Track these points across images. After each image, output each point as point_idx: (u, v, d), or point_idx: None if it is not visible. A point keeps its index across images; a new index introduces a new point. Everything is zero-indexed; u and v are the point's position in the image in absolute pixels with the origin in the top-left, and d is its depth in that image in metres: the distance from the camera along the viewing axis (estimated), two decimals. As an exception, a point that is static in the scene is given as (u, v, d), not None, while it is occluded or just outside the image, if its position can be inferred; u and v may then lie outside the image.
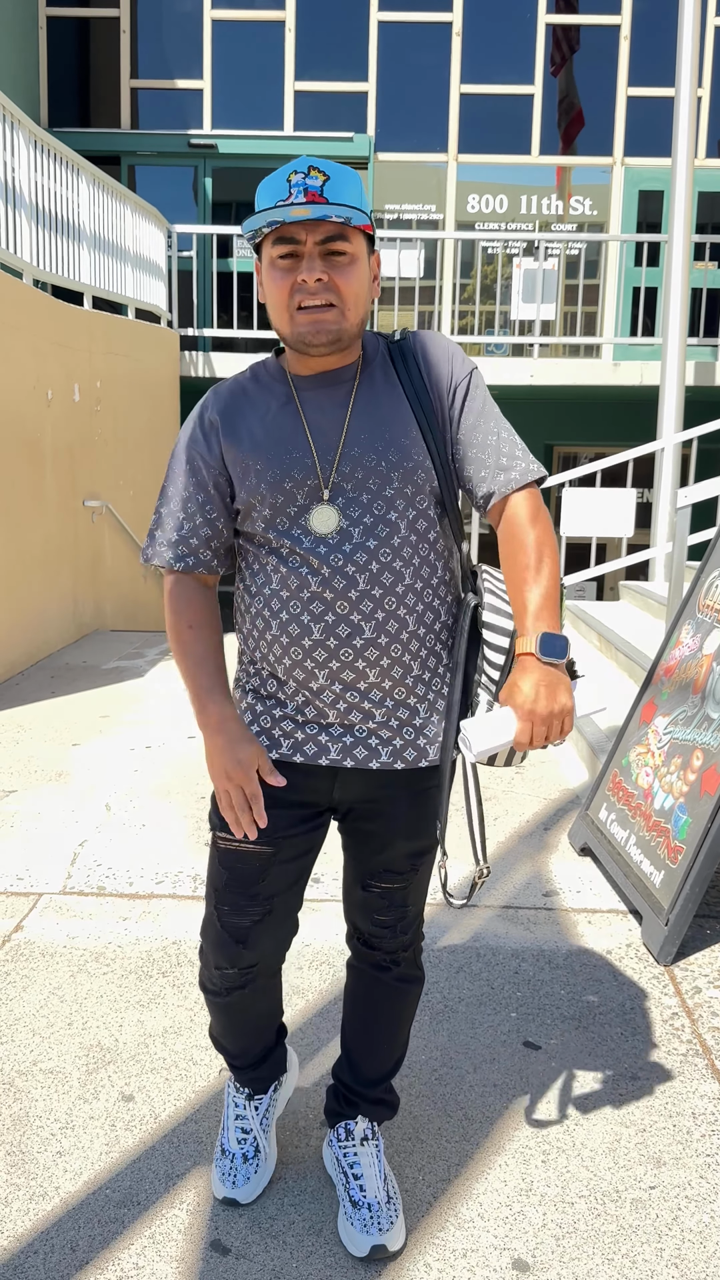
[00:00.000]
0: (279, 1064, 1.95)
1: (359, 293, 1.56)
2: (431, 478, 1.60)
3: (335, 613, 1.57)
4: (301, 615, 1.59)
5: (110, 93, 10.85)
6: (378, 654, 1.59)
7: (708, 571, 3.40)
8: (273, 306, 1.57)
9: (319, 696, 1.61)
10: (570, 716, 1.52)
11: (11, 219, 6.04)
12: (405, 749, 1.65)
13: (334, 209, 1.47)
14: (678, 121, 7.67)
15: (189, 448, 1.65)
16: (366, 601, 1.58)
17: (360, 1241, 1.73)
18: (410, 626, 1.61)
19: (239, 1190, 1.84)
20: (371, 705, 1.61)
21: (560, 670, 1.52)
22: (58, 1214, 1.84)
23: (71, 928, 2.87)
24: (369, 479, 1.57)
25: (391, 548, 1.58)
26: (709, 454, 11.39)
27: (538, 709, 1.49)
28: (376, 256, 1.61)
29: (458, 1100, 2.15)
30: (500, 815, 3.73)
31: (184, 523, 1.65)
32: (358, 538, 1.57)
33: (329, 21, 10.69)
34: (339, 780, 1.66)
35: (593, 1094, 2.18)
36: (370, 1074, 1.87)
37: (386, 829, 1.69)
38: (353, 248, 1.53)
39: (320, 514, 1.57)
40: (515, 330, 10.70)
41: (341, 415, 1.59)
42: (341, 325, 1.54)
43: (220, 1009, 1.83)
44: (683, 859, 2.73)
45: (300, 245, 1.51)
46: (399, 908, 1.77)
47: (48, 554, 6.44)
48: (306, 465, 1.57)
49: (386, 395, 1.61)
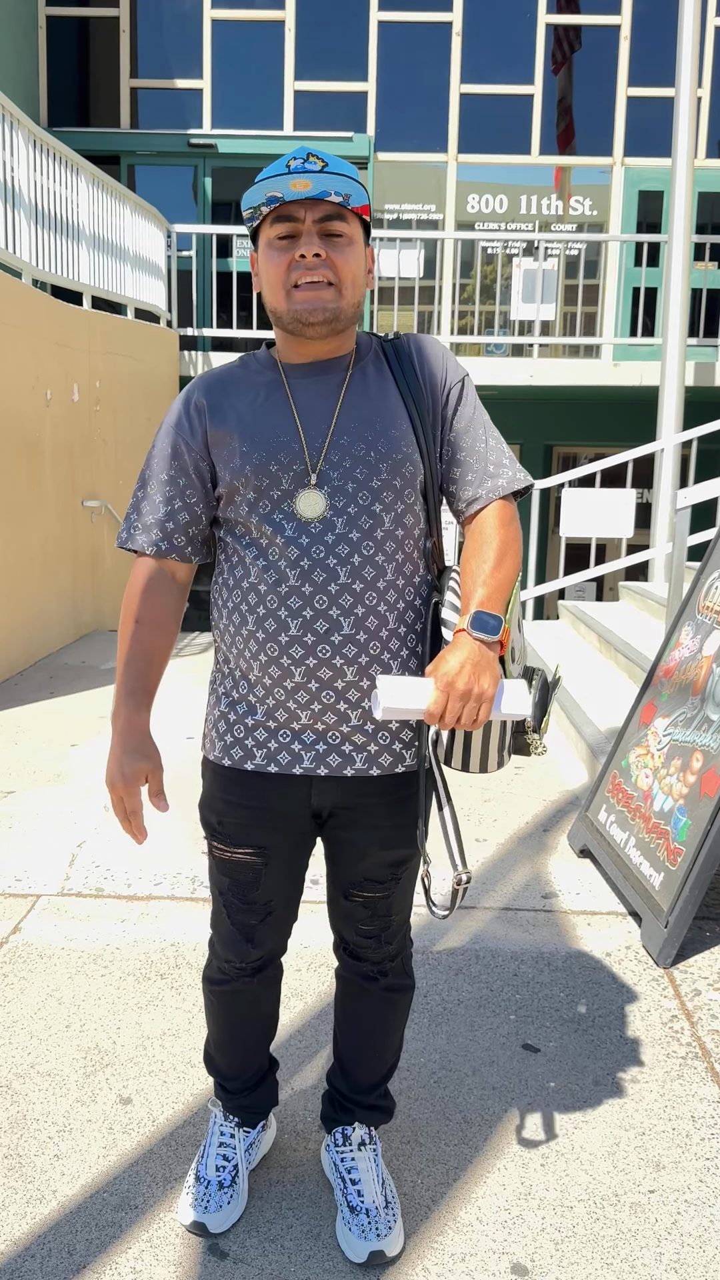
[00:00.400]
0: (270, 1095, 1.92)
1: (356, 274, 1.56)
2: (419, 472, 1.60)
3: (314, 607, 1.56)
4: (279, 610, 1.56)
5: (110, 92, 10.84)
6: (355, 650, 1.57)
7: (708, 573, 3.39)
8: (269, 285, 1.56)
9: (293, 696, 1.58)
10: (487, 705, 1.48)
11: (11, 218, 6.03)
12: (380, 755, 1.63)
13: (334, 181, 1.48)
14: (678, 122, 7.67)
15: (173, 432, 1.63)
16: (346, 596, 1.56)
17: (358, 1247, 1.72)
18: (390, 624, 1.59)
19: (210, 1215, 1.78)
20: (347, 706, 1.59)
21: (492, 654, 1.50)
22: (55, 1217, 1.83)
23: (69, 930, 2.86)
24: (356, 468, 1.56)
25: (374, 541, 1.57)
26: (709, 454, 11.39)
27: (456, 684, 1.47)
28: (371, 250, 1.62)
29: (456, 1103, 2.15)
30: (499, 817, 3.72)
31: (161, 506, 1.63)
32: (341, 528, 1.55)
33: (329, 21, 10.68)
34: (314, 788, 1.64)
35: (592, 1097, 2.17)
36: (364, 1081, 1.86)
37: (365, 838, 1.67)
38: (350, 230, 1.54)
39: (307, 498, 1.55)
40: (515, 330, 10.70)
41: (332, 404, 1.58)
42: (339, 304, 1.54)
43: (223, 1005, 1.82)
44: (682, 861, 2.72)
45: (299, 223, 1.51)
46: (382, 917, 1.75)
47: (47, 554, 6.44)
48: (294, 450, 1.56)
49: (378, 388, 1.61)
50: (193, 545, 1.66)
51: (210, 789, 1.71)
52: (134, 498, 1.67)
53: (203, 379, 1.66)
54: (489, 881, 3.17)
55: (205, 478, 1.63)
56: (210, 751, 1.70)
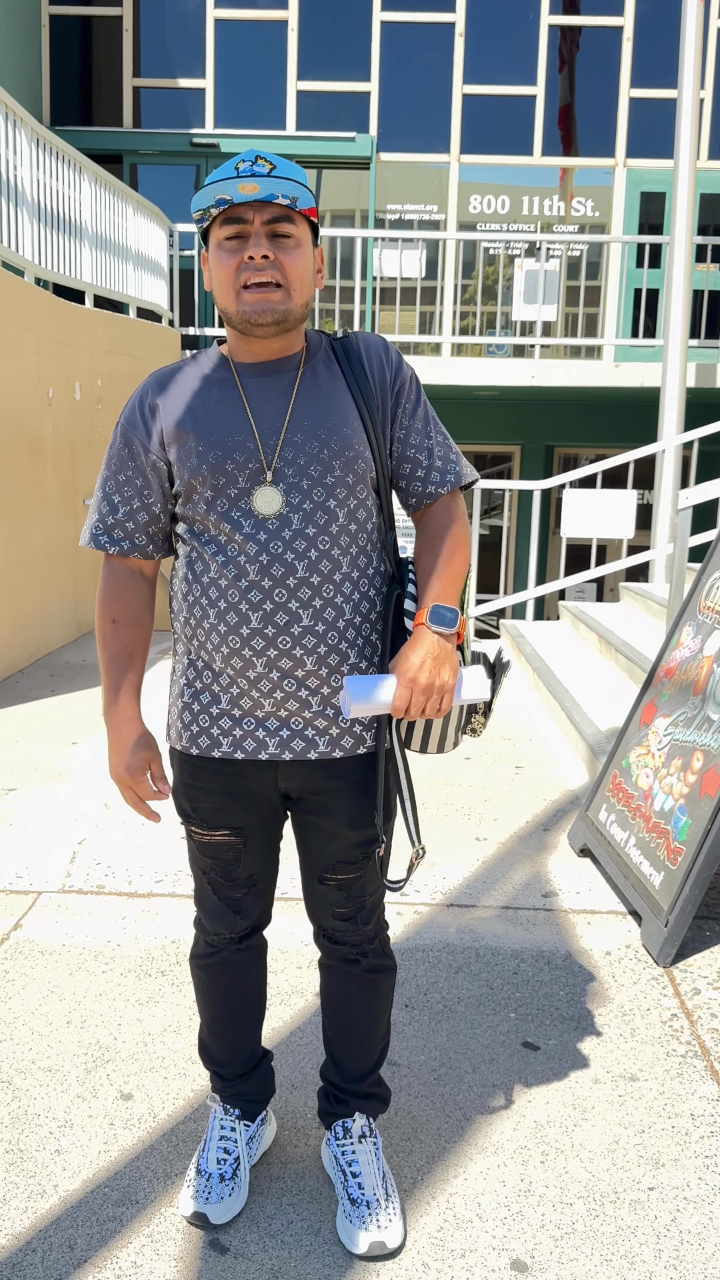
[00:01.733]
0: (267, 1082, 1.94)
1: (304, 275, 1.59)
2: (371, 468, 1.65)
3: (273, 601, 1.60)
4: (240, 604, 1.61)
5: (112, 91, 10.85)
6: (315, 641, 1.62)
7: (708, 573, 3.40)
8: (219, 286, 1.59)
9: (256, 686, 1.63)
10: (450, 694, 1.59)
11: (14, 217, 6.03)
12: (342, 737, 1.67)
13: (281, 184, 1.52)
14: (680, 123, 7.68)
15: (126, 430, 1.67)
16: (305, 589, 1.60)
17: (358, 1238, 1.73)
18: (347, 615, 1.64)
19: (211, 1206, 1.79)
20: (308, 694, 1.64)
21: (450, 645, 1.60)
22: (56, 1212, 1.84)
23: (71, 926, 2.87)
24: (310, 465, 1.60)
25: (330, 535, 1.62)
26: (710, 455, 11.40)
27: (419, 678, 1.56)
28: (320, 251, 1.65)
29: (457, 1100, 2.15)
30: (500, 816, 3.73)
31: (119, 506, 1.68)
32: (297, 524, 1.60)
33: (332, 21, 10.69)
34: (279, 772, 1.69)
35: (591, 1095, 2.18)
36: (355, 1070, 1.88)
37: (333, 820, 1.71)
38: (298, 231, 1.57)
39: (263, 495, 1.59)
40: (516, 331, 10.70)
41: (285, 402, 1.61)
42: (288, 306, 1.57)
43: (213, 978, 1.85)
44: (682, 860, 2.73)
45: (247, 225, 1.54)
46: (357, 898, 1.78)
47: (48, 552, 6.44)
48: (249, 449, 1.59)
49: (329, 386, 1.64)
50: (154, 543, 1.71)
51: (180, 777, 1.76)
52: (94, 498, 1.72)
53: (155, 378, 1.69)
54: (490, 880, 3.18)
55: (162, 476, 1.66)
56: (177, 741, 1.74)
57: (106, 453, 1.70)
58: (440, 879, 3.17)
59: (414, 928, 2.86)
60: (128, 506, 1.67)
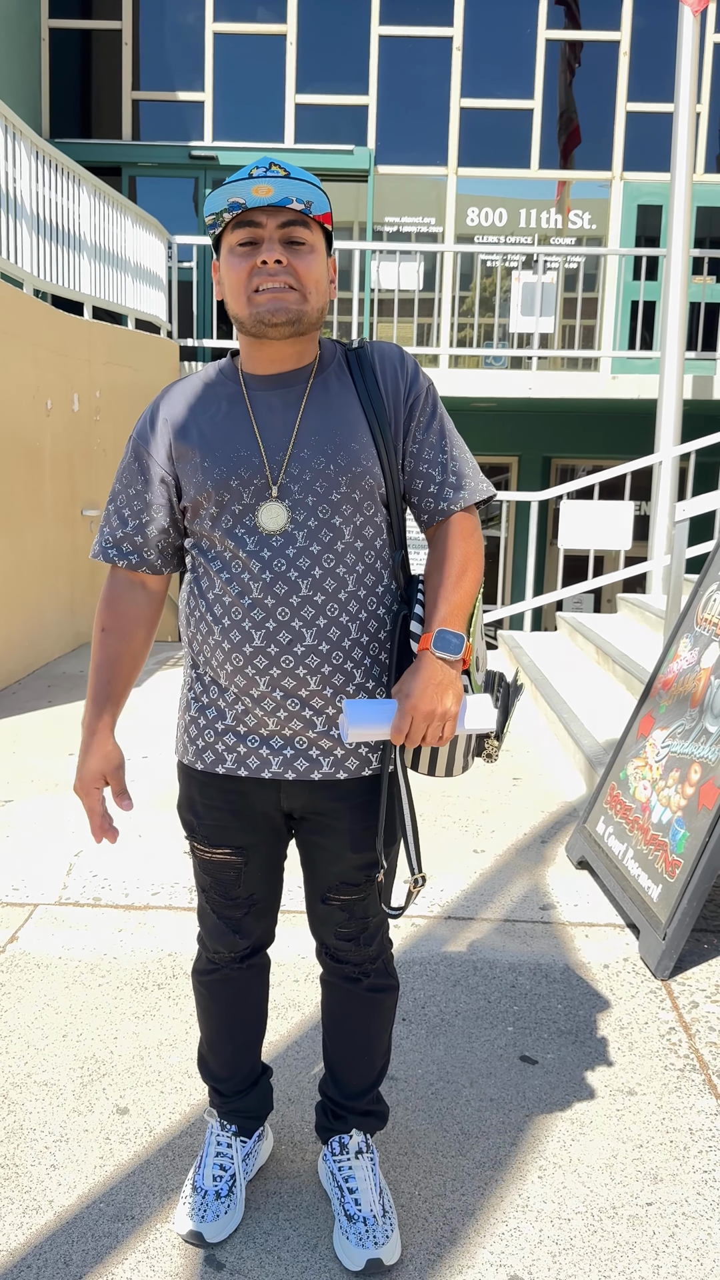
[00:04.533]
0: (265, 1099, 1.93)
1: (319, 280, 1.56)
2: (379, 484, 1.61)
3: (276, 619, 1.58)
4: (243, 622, 1.59)
5: (112, 104, 10.89)
6: (319, 661, 1.59)
7: (706, 585, 3.40)
8: (231, 291, 1.56)
9: (259, 704, 1.61)
10: (452, 722, 1.54)
11: (13, 229, 6.05)
12: (347, 758, 1.65)
13: (296, 187, 1.49)
14: (677, 137, 7.71)
15: (137, 444, 1.66)
16: (308, 608, 1.58)
17: (355, 1255, 1.72)
18: (353, 634, 1.61)
19: (207, 1225, 1.77)
20: (312, 714, 1.61)
21: (454, 672, 1.54)
22: (51, 1228, 1.83)
23: (67, 939, 2.86)
24: (316, 481, 1.57)
25: (335, 553, 1.59)
26: (706, 467, 11.42)
27: (420, 705, 1.51)
28: (333, 260, 1.62)
29: (454, 1115, 2.14)
30: (497, 828, 3.72)
31: (129, 520, 1.66)
32: (302, 541, 1.57)
33: (330, 35, 10.74)
34: (283, 791, 1.67)
35: (589, 1109, 2.17)
36: (355, 1086, 1.87)
37: (337, 841, 1.69)
38: (312, 237, 1.55)
39: (269, 511, 1.57)
40: (514, 343, 10.73)
41: (293, 416, 1.59)
42: (302, 307, 1.54)
43: (214, 995, 1.84)
44: (680, 873, 2.72)
45: (261, 229, 1.52)
46: (359, 919, 1.77)
47: (46, 562, 6.44)
48: (254, 464, 1.57)
49: (339, 399, 1.61)
50: (163, 557, 1.69)
51: (186, 791, 1.75)
52: (105, 511, 1.70)
53: (166, 392, 1.67)
54: (487, 893, 3.17)
55: (171, 490, 1.64)
56: (183, 755, 1.73)
57: (118, 467, 1.69)
58: (438, 891, 3.17)
59: (411, 940, 2.85)
60: (136, 520, 1.66)
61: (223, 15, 10.70)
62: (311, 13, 10.70)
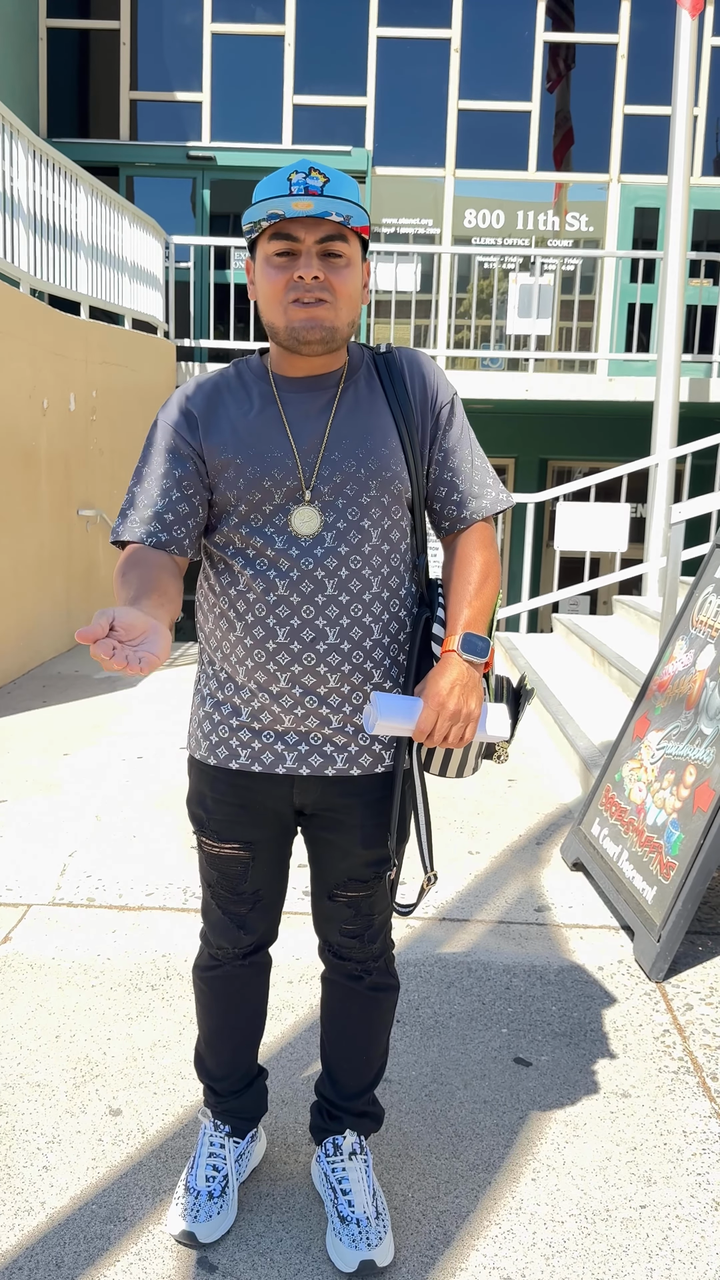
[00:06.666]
0: (260, 1100, 1.93)
1: (353, 294, 1.57)
2: (406, 489, 1.63)
3: (300, 617, 1.59)
4: (267, 618, 1.59)
5: (109, 104, 10.88)
6: (340, 659, 1.61)
7: (701, 587, 3.40)
8: (266, 301, 1.56)
9: (278, 700, 1.62)
10: (473, 725, 1.56)
11: (10, 228, 6.04)
12: (361, 755, 1.66)
13: (335, 204, 1.49)
14: (674, 140, 7.72)
15: (171, 428, 1.62)
16: (333, 607, 1.59)
17: (348, 1257, 1.71)
18: (375, 635, 1.63)
19: (199, 1225, 1.77)
20: (330, 710, 1.63)
21: (478, 675, 1.57)
22: (43, 1230, 1.82)
23: (60, 940, 2.85)
24: (346, 484, 1.58)
25: (362, 555, 1.60)
26: (702, 470, 11.43)
27: (447, 704, 1.54)
28: (368, 265, 1.63)
29: (448, 1117, 2.14)
30: (493, 829, 3.72)
31: (159, 499, 1.60)
32: (330, 542, 1.58)
33: (328, 36, 10.74)
34: (296, 787, 1.68)
35: (583, 1111, 2.17)
36: (351, 1087, 1.86)
37: (347, 837, 1.70)
38: (349, 250, 1.54)
39: (302, 515, 1.58)
40: (511, 345, 10.74)
41: (324, 419, 1.60)
42: (335, 323, 1.55)
43: (215, 991, 1.84)
44: (675, 875, 2.72)
45: (298, 243, 1.52)
46: (365, 917, 1.77)
47: (41, 562, 6.43)
48: (287, 466, 1.57)
49: (369, 404, 1.62)
50: (190, 538, 1.61)
51: (196, 786, 1.75)
52: (129, 493, 1.65)
53: (197, 387, 1.65)
54: (482, 894, 3.17)
55: (204, 474, 1.62)
56: (196, 750, 1.73)
57: (143, 452, 1.65)
58: (433, 893, 3.16)
59: (406, 942, 2.85)
60: (167, 498, 1.60)
61: (221, 16, 10.70)
62: (310, 14, 10.71)
